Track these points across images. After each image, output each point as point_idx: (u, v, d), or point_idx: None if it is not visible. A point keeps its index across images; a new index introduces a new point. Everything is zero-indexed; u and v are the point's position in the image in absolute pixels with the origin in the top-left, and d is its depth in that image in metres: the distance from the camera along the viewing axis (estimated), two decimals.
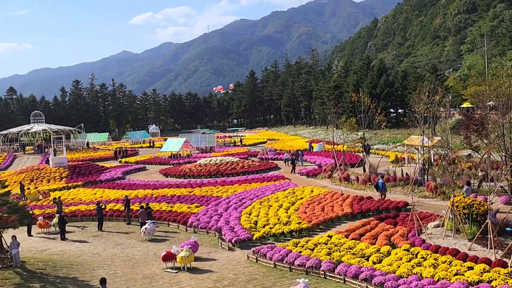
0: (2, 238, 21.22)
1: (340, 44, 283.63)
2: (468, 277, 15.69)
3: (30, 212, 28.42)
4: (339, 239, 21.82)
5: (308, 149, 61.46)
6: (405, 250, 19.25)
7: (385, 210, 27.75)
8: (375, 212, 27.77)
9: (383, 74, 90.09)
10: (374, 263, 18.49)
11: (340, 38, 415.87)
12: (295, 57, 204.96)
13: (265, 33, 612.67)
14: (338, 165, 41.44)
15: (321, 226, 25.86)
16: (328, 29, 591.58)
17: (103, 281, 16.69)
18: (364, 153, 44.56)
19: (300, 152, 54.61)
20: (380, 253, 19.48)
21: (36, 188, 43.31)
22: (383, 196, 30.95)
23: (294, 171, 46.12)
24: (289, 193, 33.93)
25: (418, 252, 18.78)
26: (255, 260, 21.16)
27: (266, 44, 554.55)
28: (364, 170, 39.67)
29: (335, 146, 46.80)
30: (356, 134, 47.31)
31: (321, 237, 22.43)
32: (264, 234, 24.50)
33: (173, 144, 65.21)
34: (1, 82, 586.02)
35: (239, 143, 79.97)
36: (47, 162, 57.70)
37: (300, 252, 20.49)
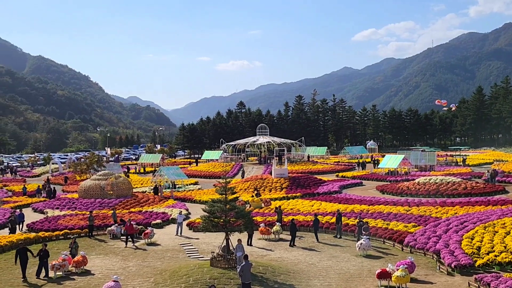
0: (229, 241, 22.96)
1: None
2: None
3: (254, 218, 30.31)
4: None
5: None
6: None
7: None
8: None
9: None
10: None
11: None
12: None
13: (495, 46, 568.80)
14: None
15: None
16: None
17: (246, 257, 20.32)
18: None
19: (500, 170, 55.71)
20: None
21: (259, 196, 46.16)
22: None
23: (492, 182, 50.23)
24: None
25: None
26: None
27: (496, 58, 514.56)
28: None
29: None
30: None
31: None
32: (488, 262, 22.76)
33: (391, 161, 64.22)
34: (232, 97, 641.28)
35: (462, 163, 75.59)
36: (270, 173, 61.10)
37: None
